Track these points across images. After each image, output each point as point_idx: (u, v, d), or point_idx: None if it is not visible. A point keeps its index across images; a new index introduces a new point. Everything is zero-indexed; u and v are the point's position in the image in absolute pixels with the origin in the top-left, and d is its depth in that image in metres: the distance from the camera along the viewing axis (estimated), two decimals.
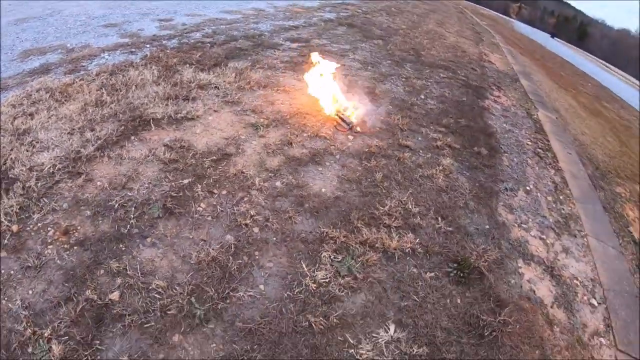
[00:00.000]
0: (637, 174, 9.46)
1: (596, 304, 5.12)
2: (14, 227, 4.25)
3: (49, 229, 4.29)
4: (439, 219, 5.47)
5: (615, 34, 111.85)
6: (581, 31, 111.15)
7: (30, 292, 3.65)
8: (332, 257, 4.52)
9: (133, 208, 4.66)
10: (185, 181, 5.20)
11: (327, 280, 4.25)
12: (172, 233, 4.45)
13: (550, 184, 7.57)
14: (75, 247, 4.10)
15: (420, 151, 7.15)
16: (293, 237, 4.70)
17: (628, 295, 5.46)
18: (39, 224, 4.33)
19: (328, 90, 7.83)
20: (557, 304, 4.84)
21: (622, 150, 11.05)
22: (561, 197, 7.25)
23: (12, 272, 3.81)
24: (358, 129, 7.33)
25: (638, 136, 13.96)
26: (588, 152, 10.35)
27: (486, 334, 4.11)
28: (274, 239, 4.64)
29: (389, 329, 3.94)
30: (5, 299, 3.57)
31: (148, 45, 10.23)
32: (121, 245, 4.20)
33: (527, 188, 7.07)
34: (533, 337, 4.28)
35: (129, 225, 4.44)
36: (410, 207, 5.53)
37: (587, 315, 4.91)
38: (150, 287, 3.82)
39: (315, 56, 8.38)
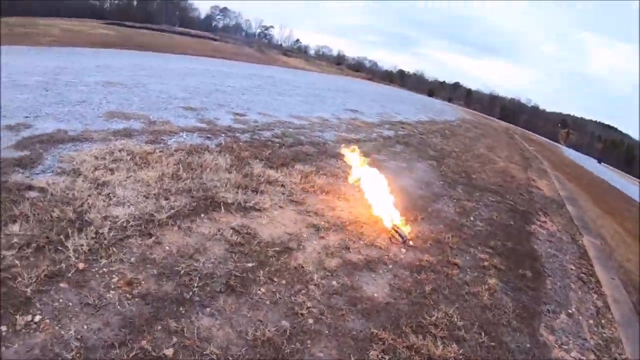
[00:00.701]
0: None
1: None
2: (80, 265, 4.39)
3: (113, 275, 4.41)
4: (482, 334, 5.35)
5: None
6: (628, 155, 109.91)
7: (85, 326, 3.69)
8: (379, 356, 4.43)
9: (197, 278, 4.74)
10: (250, 265, 5.27)
11: None
12: (231, 308, 4.47)
13: (593, 308, 7.36)
14: (136, 299, 4.17)
15: (468, 269, 7.07)
16: (344, 333, 4.65)
17: None
18: (105, 269, 4.46)
19: (385, 204, 7.95)
20: None
21: None
22: (603, 321, 7.00)
23: (70, 303, 3.89)
24: (411, 243, 7.34)
25: None
26: (632, 279, 10.06)
27: None
28: (327, 331, 4.59)
29: None
30: (59, 326, 3.63)
31: (223, 135, 10.73)
32: (181, 309, 4.23)
33: (569, 311, 6.89)
34: None
35: (191, 292, 4.49)
36: (455, 320, 5.44)
37: None
38: (205, 352, 3.79)
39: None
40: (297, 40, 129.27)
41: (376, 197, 8.15)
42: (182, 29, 75.81)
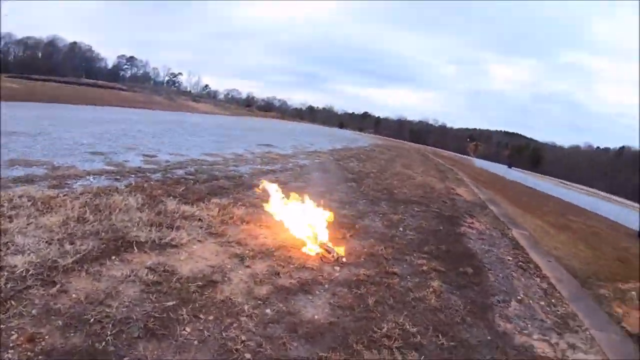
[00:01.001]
0: (616, 273, 9.19)
1: None
2: None
3: (12, 332, 3.68)
4: (439, 335, 5.02)
5: (567, 152, 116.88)
6: (535, 157, 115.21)
7: None
8: None
9: (110, 325, 4.02)
10: (170, 303, 4.61)
11: None
12: (153, 355, 3.79)
13: (540, 291, 7.38)
14: (40, 357, 3.47)
15: (408, 277, 6.80)
16: None
17: None
18: (2, 326, 3.73)
19: (310, 227, 7.58)
20: None
21: (596, 255, 10.86)
22: (553, 300, 7.03)
23: None
24: (344, 259, 6.99)
25: (607, 240, 13.90)
26: (564, 263, 10.14)
27: None
28: None
29: None
30: None
31: (133, 175, 10.11)
32: None
33: (519, 297, 6.85)
34: None
35: (104, 342, 3.78)
36: (408, 327, 5.07)
37: None
38: None
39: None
40: (206, 86, 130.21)
41: (300, 221, 7.76)
42: (88, 81, 74.27)
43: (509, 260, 8.91)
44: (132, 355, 3.71)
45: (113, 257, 5.41)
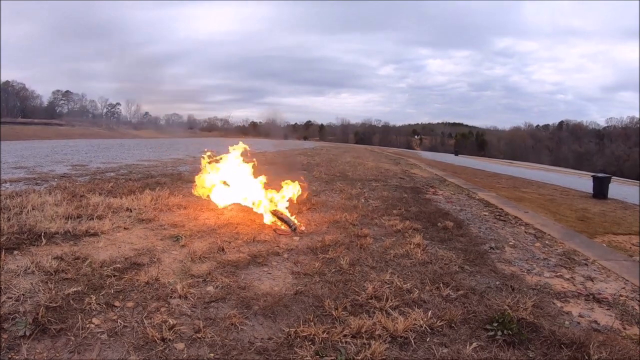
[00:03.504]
0: (582, 231, 8.74)
1: None
2: None
3: None
4: (441, 286, 4.12)
5: (508, 134, 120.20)
6: (479, 142, 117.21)
7: None
8: None
9: None
10: (71, 290, 3.42)
11: None
12: (40, 358, 2.61)
13: (529, 236, 6.95)
14: None
15: (383, 237, 5.95)
16: (243, 348, 2.90)
17: None
18: None
19: (260, 205, 6.75)
20: (627, 323, 3.88)
21: (558, 218, 10.35)
22: (547, 242, 6.64)
23: None
24: (303, 228, 6.05)
25: (564, 204, 13.71)
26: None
27: None
28: (211, 354, 2.81)
29: None
30: None
31: (56, 180, 8.99)
32: None
33: (511, 243, 6.34)
34: None
35: None
36: (399, 284, 4.11)
37: None
38: None
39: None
40: (146, 113, 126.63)
41: (249, 200, 6.94)
42: (24, 120, 71.24)
43: (485, 215, 8.36)
44: None
45: (15, 252, 4.33)
